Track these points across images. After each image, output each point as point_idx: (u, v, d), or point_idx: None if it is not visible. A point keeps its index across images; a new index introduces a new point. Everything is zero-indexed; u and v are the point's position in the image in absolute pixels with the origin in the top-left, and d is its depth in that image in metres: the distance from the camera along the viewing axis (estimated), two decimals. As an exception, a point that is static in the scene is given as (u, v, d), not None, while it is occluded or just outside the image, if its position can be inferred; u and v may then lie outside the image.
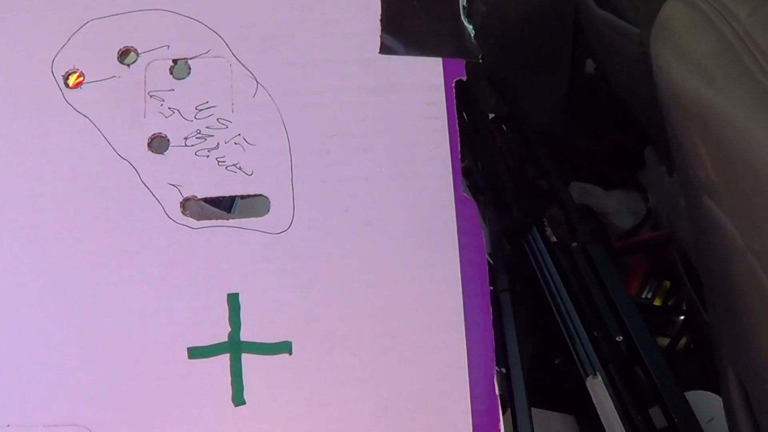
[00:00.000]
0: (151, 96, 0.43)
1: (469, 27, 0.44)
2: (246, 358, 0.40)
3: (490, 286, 0.41)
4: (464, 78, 0.43)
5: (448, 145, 0.42)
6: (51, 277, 0.41)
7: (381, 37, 0.43)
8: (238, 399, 0.40)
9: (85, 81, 0.43)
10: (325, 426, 0.40)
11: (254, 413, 0.40)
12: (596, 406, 0.55)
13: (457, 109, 0.42)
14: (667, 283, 0.78)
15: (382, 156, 0.42)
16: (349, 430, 0.40)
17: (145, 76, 0.43)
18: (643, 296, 0.77)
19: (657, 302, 0.77)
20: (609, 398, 0.55)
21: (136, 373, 0.40)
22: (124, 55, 0.44)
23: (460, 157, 0.42)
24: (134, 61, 0.43)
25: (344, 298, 0.41)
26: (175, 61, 0.43)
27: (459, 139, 0.42)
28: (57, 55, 0.44)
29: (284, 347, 0.40)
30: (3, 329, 0.41)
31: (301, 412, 0.40)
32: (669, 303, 0.77)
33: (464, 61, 0.43)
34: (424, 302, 0.41)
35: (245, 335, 0.41)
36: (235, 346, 0.40)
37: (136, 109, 0.43)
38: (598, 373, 0.56)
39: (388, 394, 0.40)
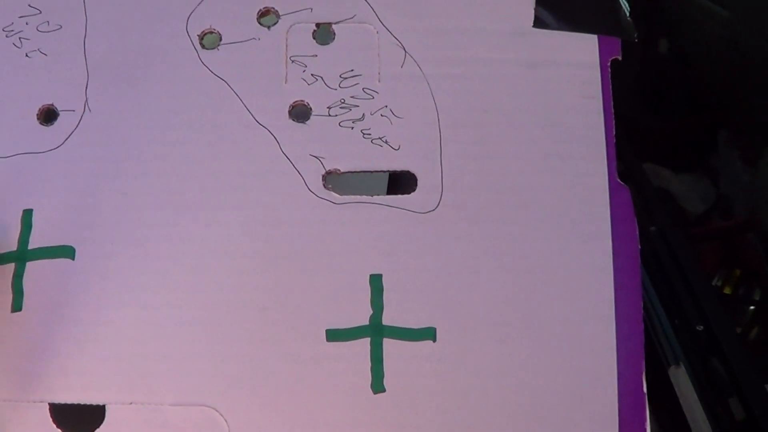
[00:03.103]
0: (292, 61, 0.40)
1: (625, 4, 0.41)
2: (387, 343, 0.38)
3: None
4: (619, 57, 0.41)
5: (604, 127, 0.40)
6: (181, 247, 0.39)
7: (535, 9, 0.41)
8: (378, 386, 0.38)
9: (222, 42, 0.40)
10: (467, 416, 0.38)
11: (394, 401, 0.38)
12: (679, 396, 0.54)
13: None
14: (738, 272, 0.76)
15: (534, 135, 0.40)
16: (492, 421, 0.38)
17: (286, 40, 0.40)
18: (713, 284, 0.76)
19: (727, 291, 0.76)
20: (692, 389, 0.53)
21: (269, 353, 0.38)
22: (263, 15, 0.41)
23: (615, 140, 0.40)
24: (275, 23, 0.41)
25: (491, 283, 0.39)
26: (318, 25, 0.41)
27: (614, 121, 0.40)
28: (192, 12, 0.41)
29: (428, 333, 0.38)
30: (129, 303, 0.38)
31: (442, 401, 0.38)
32: (739, 292, 0.76)
33: (620, 40, 0.41)
34: (574, 291, 0.39)
35: (387, 319, 0.38)
36: (376, 330, 0.38)
37: (277, 74, 0.40)
38: (681, 362, 0.55)
39: (532, 385, 0.38)
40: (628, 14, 0.41)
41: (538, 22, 0.41)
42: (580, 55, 0.41)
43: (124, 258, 0.39)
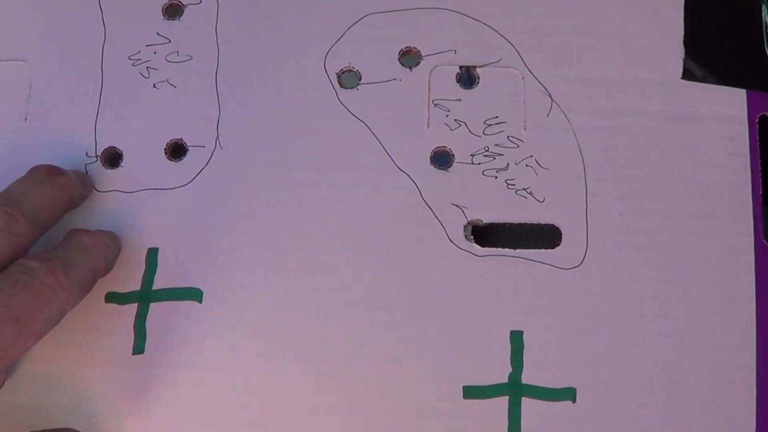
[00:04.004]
0: (435, 105, 0.38)
1: (772, 56, 0.40)
2: (525, 403, 0.36)
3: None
4: (768, 113, 0.39)
5: (750, 186, 0.38)
6: (315, 295, 0.38)
7: (684, 61, 0.39)
8: (515, 446, 0.36)
9: (362, 81, 0.39)
10: (603, 481, 0.36)
11: (531, 462, 0.36)
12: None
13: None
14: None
15: (680, 191, 0.38)
16: (628, 487, 0.36)
17: (429, 82, 0.39)
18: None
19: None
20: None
21: (403, 407, 0.37)
22: (405, 55, 0.39)
23: (761, 200, 0.38)
24: (417, 64, 0.39)
25: (632, 344, 0.38)
26: (462, 68, 0.39)
27: (761, 180, 0.38)
28: (330, 49, 0.39)
29: (568, 394, 0.37)
30: (257, 350, 0.38)
31: (580, 464, 0.36)
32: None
33: (768, 95, 0.39)
34: (715, 356, 0.38)
35: (526, 377, 0.37)
36: (515, 389, 0.37)
37: (419, 118, 0.39)
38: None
39: (671, 451, 0.37)
40: (774, 67, 0.40)
41: (687, 74, 0.39)
42: (728, 109, 0.39)
43: (254, 303, 0.38)
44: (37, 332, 0.33)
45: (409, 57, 0.39)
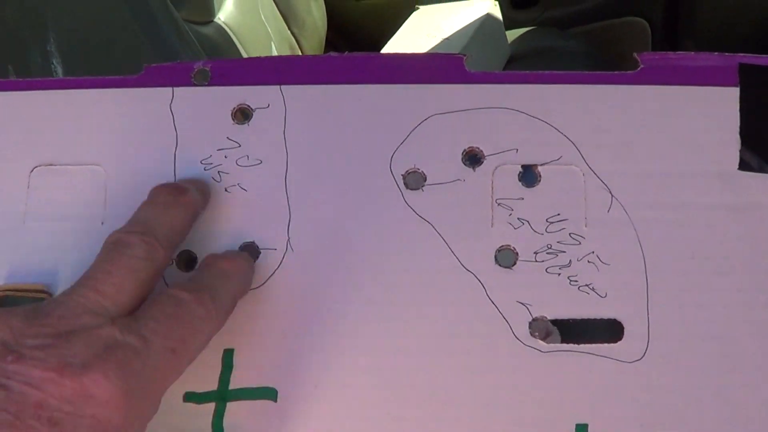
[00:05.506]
0: (498, 204, 0.40)
1: (827, 142, 0.40)
2: (590, 494, 0.38)
3: None
4: (826, 201, 0.40)
5: (811, 275, 0.39)
6: (386, 393, 0.39)
7: (740, 152, 0.40)
8: None
9: (427, 182, 0.40)
10: None
11: None
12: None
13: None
14: None
15: (742, 282, 0.39)
16: None
17: (492, 182, 0.40)
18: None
19: None
20: None
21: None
22: (468, 156, 0.40)
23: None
24: (480, 164, 0.40)
25: (696, 435, 0.38)
26: (524, 167, 0.40)
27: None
28: (396, 151, 0.40)
29: (632, 485, 0.38)
30: None
31: None
32: None
33: (825, 183, 0.40)
34: (782, 445, 0.38)
35: (591, 469, 0.38)
36: (580, 480, 0.38)
37: (483, 218, 0.40)
38: None
39: None
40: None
41: (744, 165, 0.40)
42: (786, 199, 0.40)
43: (328, 402, 0.39)
44: (190, 360, 0.36)
45: (472, 157, 0.40)
